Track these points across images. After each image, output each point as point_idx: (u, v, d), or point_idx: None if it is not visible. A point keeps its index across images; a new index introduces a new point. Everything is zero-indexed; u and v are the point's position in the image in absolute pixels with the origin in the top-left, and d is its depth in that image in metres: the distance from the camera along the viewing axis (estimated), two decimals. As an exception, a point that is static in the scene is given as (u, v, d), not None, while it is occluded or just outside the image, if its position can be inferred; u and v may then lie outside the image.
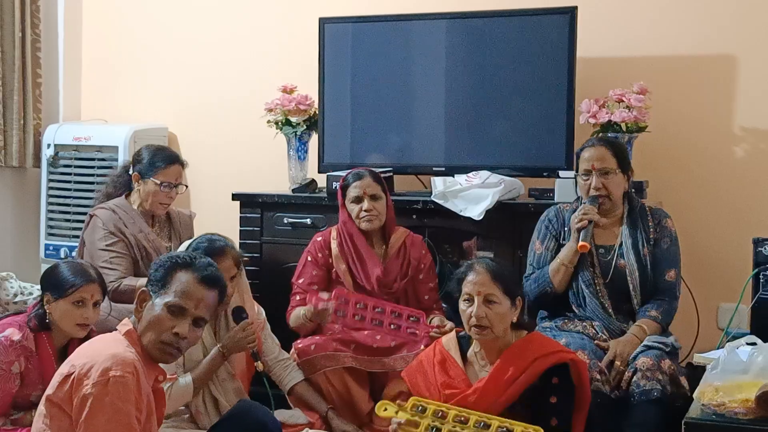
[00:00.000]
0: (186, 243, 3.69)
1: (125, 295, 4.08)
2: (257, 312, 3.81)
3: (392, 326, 3.83)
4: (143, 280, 4.07)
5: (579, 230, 3.63)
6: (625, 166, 3.75)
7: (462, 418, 2.95)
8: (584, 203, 3.70)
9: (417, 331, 3.80)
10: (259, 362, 3.57)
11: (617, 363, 3.44)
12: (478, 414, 2.95)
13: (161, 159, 4.27)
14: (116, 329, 2.72)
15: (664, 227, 3.76)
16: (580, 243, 3.58)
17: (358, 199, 3.99)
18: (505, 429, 2.89)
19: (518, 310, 3.18)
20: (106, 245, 4.15)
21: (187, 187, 4.42)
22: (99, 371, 2.48)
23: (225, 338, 3.53)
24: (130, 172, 4.34)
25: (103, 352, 2.55)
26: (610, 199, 3.70)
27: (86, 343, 2.77)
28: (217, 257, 3.49)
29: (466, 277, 3.16)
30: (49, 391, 2.58)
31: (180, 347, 2.67)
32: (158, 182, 4.22)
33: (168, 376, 2.84)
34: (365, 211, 3.96)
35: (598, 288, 3.67)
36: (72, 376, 2.51)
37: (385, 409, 3.03)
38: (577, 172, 3.79)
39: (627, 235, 3.71)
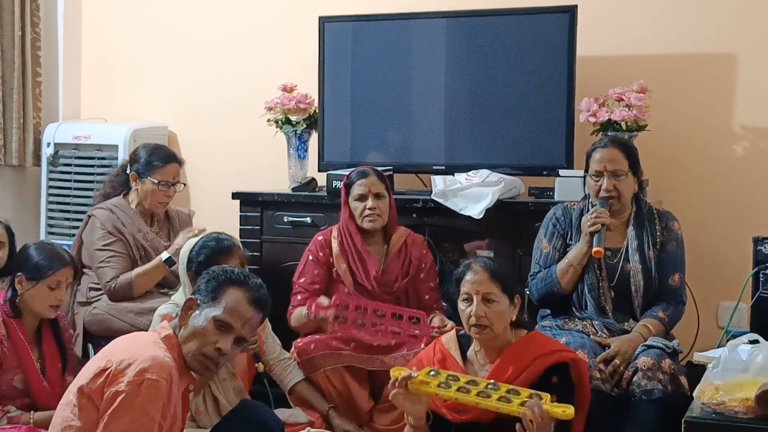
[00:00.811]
0: (193, 240, 3.67)
1: (123, 290, 4.08)
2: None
3: (393, 332, 3.81)
4: (138, 270, 4.09)
5: (592, 234, 3.59)
6: (636, 167, 3.72)
7: (473, 381, 2.96)
8: (595, 205, 3.66)
9: (418, 333, 3.79)
10: (260, 363, 3.58)
11: (617, 360, 3.44)
12: (488, 381, 2.96)
13: (158, 158, 4.27)
14: (155, 331, 2.74)
15: (671, 230, 3.74)
16: (595, 249, 3.54)
17: (362, 197, 3.98)
18: (511, 390, 2.89)
19: (517, 308, 3.17)
20: (104, 245, 4.16)
21: (185, 185, 4.42)
22: (136, 371, 2.50)
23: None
24: (128, 171, 4.34)
25: (143, 352, 2.56)
26: (619, 200, 3.69)
27: (124, 338, 2.77)
28: (225, 256, 3.49)
29: (464, 276, 3.16)
30: (82, 381, 2.59)
31: (218, 363, 2.69)
32: (156, 181, 4.23)
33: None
34: (369, 209, 3.96)
35: (601, 291, 3.66)
36: (109, 371, 2.53)
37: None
38: (586, 171, 3.76)
39: (633, 237, 3.69)
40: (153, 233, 4.30)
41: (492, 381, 2.95)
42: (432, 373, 2.99)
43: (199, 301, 2.69)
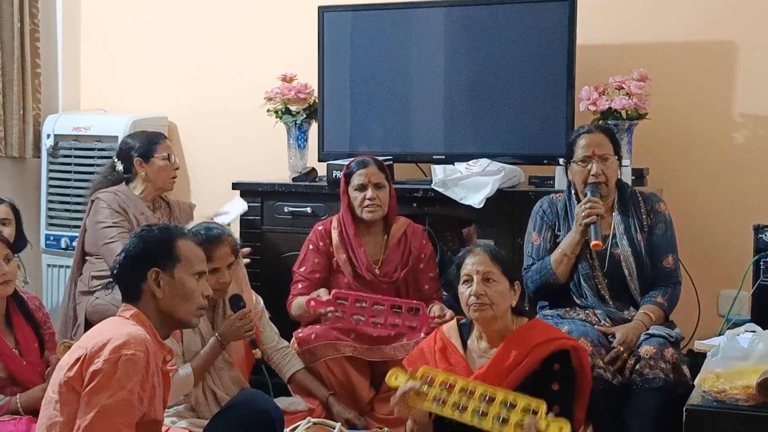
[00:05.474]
0: None
1: None
2: (255, 301, 3.81)
3: (392, 324, 3.79)
4: None
5: (587, 225, 3.58)
6: (619, 151, 3.74)
7: (469, 390, 2.96)
8: (586, 194, 3.65)
9: (416, 325, 3.78)
10: (257, 350, 3.58)
11: (620, 348, 3.44)
12: (484, 386, 2.95)
13: (153, 137, 4.39)
14: (119, 315, 2.74)
15: (657, 212, 3.74)
16: (594, 242, 3.53)
17: (362, 187, 3.98)
18: (508, 403, 2.89)
19: (517, 294, 3.18)
20: (113, 222, 4.15)
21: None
22: (111, 348, 2.52)
23: (222, 327, 3.54)
24: (118, 167, 4.34)
25: (115, 331, 2.59)
26: (607, 185, 3.69)
27: (93, 328, 2.79)
28: (215, 245, 3.51)
29: (464, 260, 3.18)
30: (60, 375, 2.60)
31: (206, 306, 2.86)
32: (164, 155, 4.31)
33: (168, 366, 2.85)
34: (369, 200, 3.95)
35: (597, 280, 3.66)
36: (84, 356, 2.55)
37: (396, 378, 3.04)
38: (568, 160, 3.76)
39: (619, 222, 3.69)
40: (156, 218, 4.30)
41: (486, 388, 2.94)
42: (428, 378, 3.00)
43: (159, 268, 2.72)
